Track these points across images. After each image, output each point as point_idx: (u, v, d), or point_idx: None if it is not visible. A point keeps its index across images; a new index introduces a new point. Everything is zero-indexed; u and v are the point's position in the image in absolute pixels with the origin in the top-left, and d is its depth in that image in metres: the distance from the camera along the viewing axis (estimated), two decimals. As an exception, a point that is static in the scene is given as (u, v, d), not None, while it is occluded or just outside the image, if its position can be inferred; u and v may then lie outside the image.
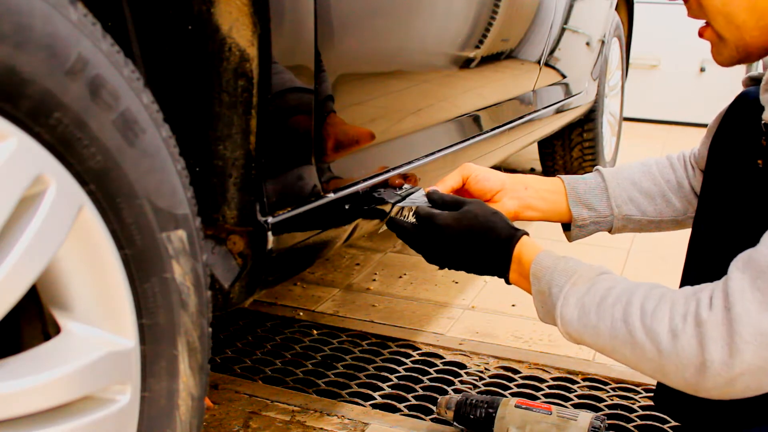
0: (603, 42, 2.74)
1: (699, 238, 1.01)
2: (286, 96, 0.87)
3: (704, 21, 0.90)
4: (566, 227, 1.16)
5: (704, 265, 0.98)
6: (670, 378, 0.79)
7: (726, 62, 0.90)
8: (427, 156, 1.31)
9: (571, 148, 2.87)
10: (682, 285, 1.02)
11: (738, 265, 0.76)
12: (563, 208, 1.13)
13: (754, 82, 1.00)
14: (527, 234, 0.98)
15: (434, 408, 1.35)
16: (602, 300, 0.85)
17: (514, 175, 1.15)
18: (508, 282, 0.98)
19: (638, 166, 1.15)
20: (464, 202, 1.00)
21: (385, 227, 1.16)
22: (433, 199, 1.04)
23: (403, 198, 1.11)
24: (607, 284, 0.86)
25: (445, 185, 1.11)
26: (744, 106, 0.96)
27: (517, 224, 1.02)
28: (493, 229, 0.96)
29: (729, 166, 0.95)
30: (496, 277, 1.01)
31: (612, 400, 1.41)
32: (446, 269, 1.04)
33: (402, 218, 1.14)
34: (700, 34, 0.92)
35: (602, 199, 1.12)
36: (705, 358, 0.74)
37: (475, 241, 0.97)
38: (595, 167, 1.17)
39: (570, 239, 1.17)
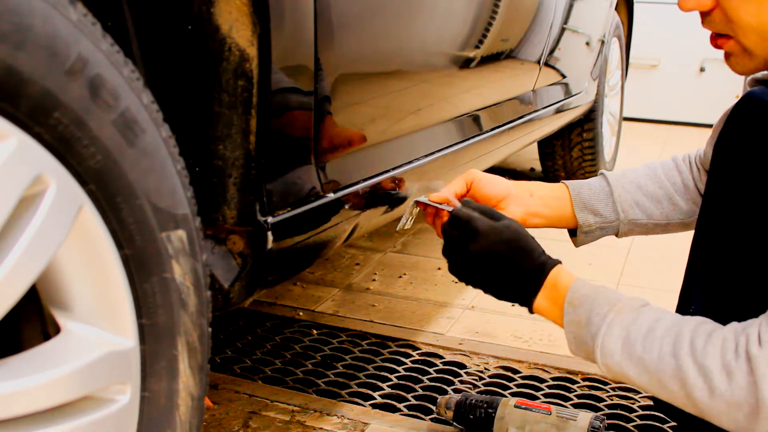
0: (603, 42, 2.74)
1: (703, 240, 1.00)
2: (286, 96, 0.87)
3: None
4: (572, 233, 1.16)
5: (708, 267, 0.97)
6: (720, 418, 0.76)
7: (747, 73, 0.90)
8: (427, 156, 1.31)
9: (570, 148, 2.87)
10: (684, 286, 1.02)
11: None
12: (569, 214, 1.13)
13: (758, 82, 1.00)
14: (559, 263, 0.94)
15: (434, 408, 1.35)
16: (649, 332, 0.82)
17: (519, 182, 1.14)
18: (531, 310, 0.95)
19: (643, 169, 1.15)
20: (503, 216, 0.97)
21: (409, 224, 1.15)
22: (470, 205, 1.00)
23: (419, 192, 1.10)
24: (654, 316, 0.84)
25: (450, 191, 1.10)
26: (750, 106, 0.96)
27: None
28: (533, 250, 0.93)
29: (734, 166, 0.95)
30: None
31: (612, 400, 1.41)
32: (465, 284, 0.99)
33: (410, 219, 1.13)
34: (718, 45, 0.91)
35: (608, 205, 1.12)
36: (759, 398, 0.72)
37: (510, 257, 0.92)
38: (600, 171, 1.16)
39: (576, 245, 1.17)
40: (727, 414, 0.75)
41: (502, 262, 0.93)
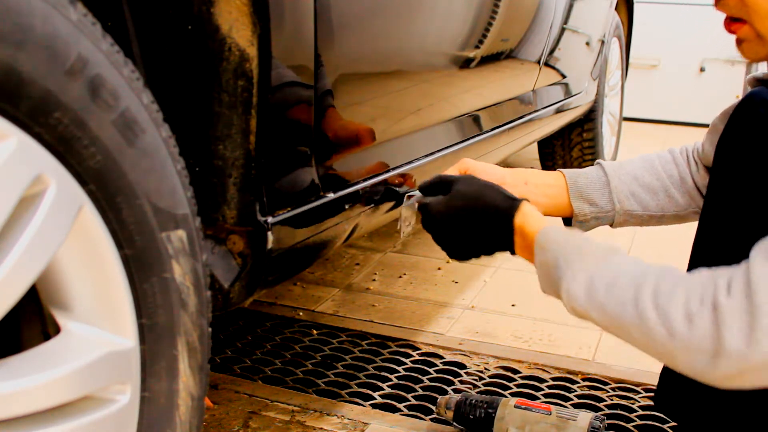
0: (603, 42, 2.74)
1: (705, 239, 1.00)
2: (286, 95, 0.87)
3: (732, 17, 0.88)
4: (567, 222, 1.16)
5: (710, 266, 0.98)
6: (678, 363, 0.77)
7: (758, 60, 0.90)
8: (427, 156, 1.31)
9: (570, 148, 2.87)
10: None
11: (761, 252, 0.73)
12: (564, 203, 1.13)
13: (760, 82, 1.00)
14: (527, 200, 0.96)
15: (434, 408, 1.35)
16: (613, 279, 0.82)
17: (514, 170, 1.14)
18: (513, 253, 0.96)
19: (640, 160, 1.15)
20: (452, 181, 0.99)
21: (410, 228, 1.16)
22: (422, 187, 1.03)
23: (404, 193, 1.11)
24: (619, 264, 0.84)
25: None
26: (752, 106, 0.96)
27: None
28: (489, 203, 0.95)
29: (738, 166, 0.95)
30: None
31: (612, 400, 1.41)
32: (467, 261, 1.02)
33: (408, 224, 1.14)
34: (731, 30, 0.90)
35: (604, 194, 1.12)
36: (720, 346, 0.72)
37: (472, 220, 0.95)
38: (597, 161, 1.16)
39: None
40: (684, 358, 0.75)
41: (467, 231, 0.96)
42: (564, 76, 2.31)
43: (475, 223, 0.95)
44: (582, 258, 0.86)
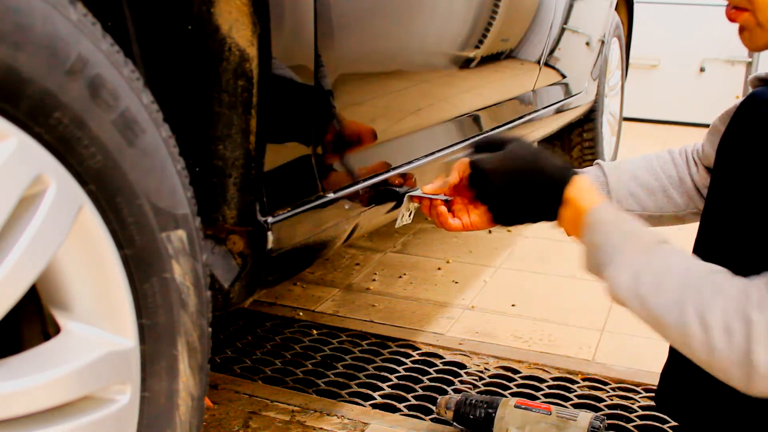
0: (603, 42, 2.74)
1: (706, 239, 1.00)
2: (285, 96, 0.87)
3: (735, 5, 0.89)
4: None
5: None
6: (716, 373, 0.77)
7: (759, 49, 0.90)
8: (427, 156, 1.31)
9: (570, 148, 2.87)
10: None
11: None
12: None
13: (762, 82, 1.00)
14: (578, 173, 0.95)
15: (434, 408, 1.35)
16: (658, 275, 0.82)
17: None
18: (555, 218, 0.96)
19: (639, 160, 1.15)
20: (506, 141, 0.98)
21: (408, 219, 1.16)
22: (476, 144, 1.02)
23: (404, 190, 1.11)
24: (667, 258, 0.83)
25: (442, 181, 1.10)
26: (754, 106, 0.96)
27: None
28: (543, 168, 0.94)
29: (740, 166, 0.95)
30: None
31: (612, 400, 1.41)
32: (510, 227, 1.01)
33: (408, 214, 1.14)
34: (732, 18, 0.91)
35: (602, 194, 1.12)
36: (751, 362, 0.72)
37: (524, 181, 0.94)
38: (596, 161, 1.16)
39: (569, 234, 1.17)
40: (723, 371, 0.76)
41: (518, 191, 0.95)
42: (564, 76, 2.31)
43: (526, 185, 0.94)
44: (630, 247, 0.85)
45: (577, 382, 1.47)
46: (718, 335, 0.75)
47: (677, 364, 1.02)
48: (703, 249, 1.00)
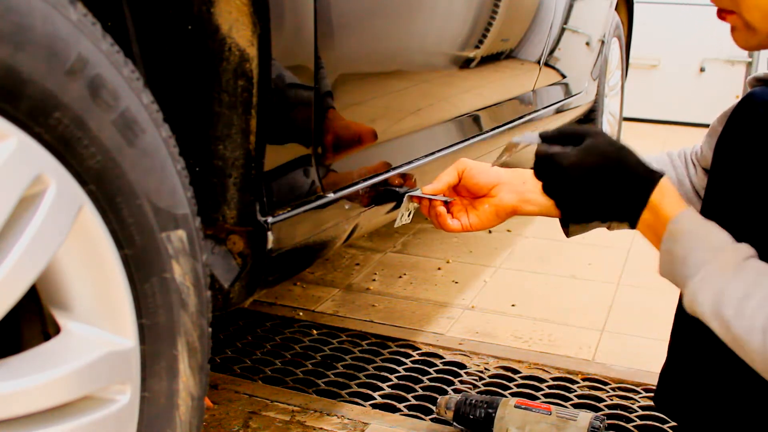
0: (603, 42, 2.74)
1: None
2: (286, 96, 0.87)
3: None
4: (564, 223, 1.16)
5: None
6: None
7: (751, 48, 0.90)
8: (427, 156, 1.31)
9: (571, 148, 2.87)
10: None
11: None
12: None
13: (760, 82, 1.00)
14: (665, 176, 0.88)
15: (434, 408, 1.35)
16: (746, 296, 0.78)
17: (511, 169, 1.14)
18: (633, 227, 0.89)
19: None
20: (585, 134, 0.90)
21: (407, 219, 1.15)
22: (547, 136, 0.94)
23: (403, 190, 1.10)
24: (754, 278, 0.79)
25: (441, 182, 1.10)
26: (752, 106, 0.96)
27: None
28: (629, 167, 0.88)
29: (736, 167, 0.95)
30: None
31: (612, 400, 1.41)
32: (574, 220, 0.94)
33: (408, 214, 1.13)
34: (722, 18, 0.90)
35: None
36: None
37: (606, 180, 0.87)
38: None
39: (568, 235, 1.17)
40: None
41: (598, 189, 0.88)
42: (564, 76, 2.31)
43: (607, 184, 0.88)
44: (715, 262, 0.82)
45: (577, 382, 1.47)
46: None
47: (677, 364, 1.02)
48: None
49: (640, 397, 1.41)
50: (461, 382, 1.46)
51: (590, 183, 0.88)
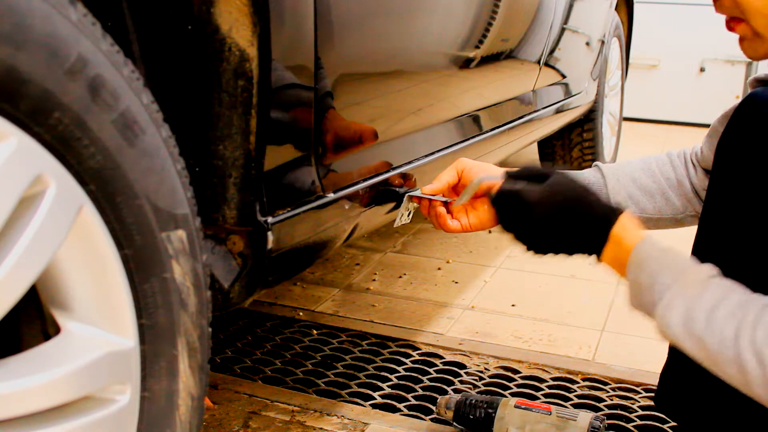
0: (603, 42, 2.74)
1: (705, 241, 1.00)
2: (285, 96, 0.87)
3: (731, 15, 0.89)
4: None
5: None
6: None
7: (760, 57, 0.90)
8: (427, 156, 1.31)
9: (570, 148, 2.87)
10: None
11: None
12: None
13: (761, 83, 1.00)
14: (625, 212, 0.91)
15: (434, 408, 1.35)
16: (713, 311, 0.79)
17: (510, 170, 1.14)
18: (598, 260, 0.92)
19: (638, 162, 1.14)
20: (549, 173, 0.93)
21: (407, 219, 1.15)
22: (511, 176, 0.97)
23: (403, 190, 1.10)
24: (719, 293, 0.81)
25: (441, 181, 1.10)
26: (753, 107, 0.96)
27: None
28: (590, 205, 0.90)
29: (737, 168, 0.95)
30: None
31: (612, 400, 1.41)
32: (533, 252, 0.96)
33: (408, 214, 1.13)
34: (730, 28, 0.90)
35: (601, 196, 1.11)
36: None
37: (568, 218, 0.90)
38: (595, 163, 1.16)
39: None
40: None
41: (562, 226, 0.91)
42: (564, 76, 2.31)
43: (570, 221, 0.91)
44: (679, 283, 0.83)
45: (577, 382, 1.47)
46: None
47: (677, 364, 1.02)
48: (702, 252, 1.00)
49: (640, 397, 1.41)
50: (461, 382, 1.46)
51: (556, 219, 0.91)
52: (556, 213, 0.91)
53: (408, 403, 1.38)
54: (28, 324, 0.68)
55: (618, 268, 0.90)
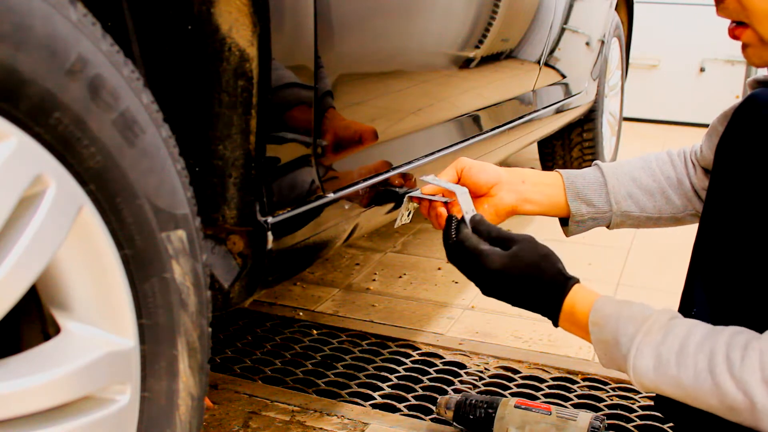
0: (603, 42, 2.74)
1: (705, 241, 1.00)
2: (285, 96, 0.87)
3: (736, 21, 0.88)
4: (564, 222, 1.16)
5: (710, 269, 0.97)
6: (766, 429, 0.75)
7: (766, 64, 0.89)
8: (427, 156, 1.31)
9: (570, 148, 2.87)
10: (686, 288, 1.02)
11: None
12: (561, 203, 1.12)
13: (760, 84, 1.00)
14: (579, 281, 0.94)
15: (434, 408, 1.35)
16: (682, 348, 0.80)
17: (510, 169, 1.14)
18: (556, 326, 0.95)
19: (637, 161, 1.14)
20: (513, 240, 0.96)
21: (407, 219, 1.16)
22: (478, 229, 0.99)
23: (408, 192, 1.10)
24: (684, 331, 0.82)
25: (441, 181, 1.11)
26: (754, 108, 0.96)
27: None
28: (542, 276, 0.93)
29: (738, 168, 0.95)
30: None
31: (612, 400, 1.41)
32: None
33: (408, 214, 1.14)
34: (735, 36, 0.89)
35: (601, 195, 1.11)
36: None
37: (524, 287, 0.94)
38: (594, 162, 1.16)
39: (567, 234, 1.17)
40: None
41: (515, 292, 0.95)
42: (564, 76, 2.31)
43: (526, 290, 0.94)
44: (642, 331, 0.84)
45: (577, 382, 1.47)
46: (758, 392, 0.74)
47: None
48: (703, 252, 1.00)
49: (640, 397, 1.41)
50: (461, 382, 1.46)
51: (512, 290, 0.95)
52: (512, 283, 0.94)
53: (408, 403, 1.38)
54: (28, 324, 0.68)
55: (578, 332, 0.92)
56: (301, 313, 1.77)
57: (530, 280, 0.93)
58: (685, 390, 0.80)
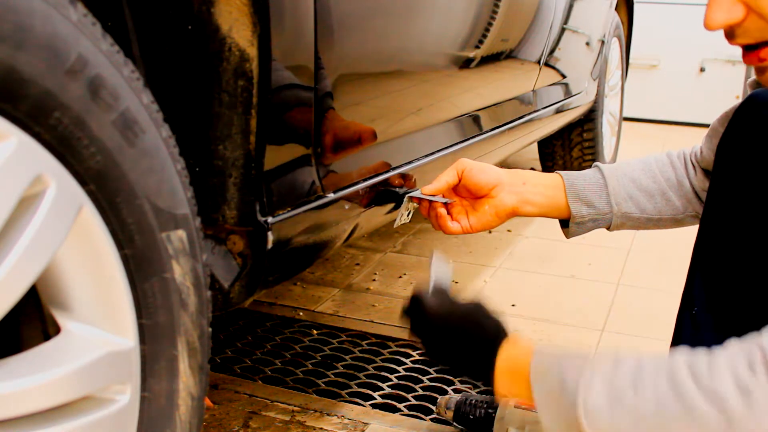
0: (603, 42, 2.74)
1: (706, 242, 1.00)
2: (286, 96, 0.87)
3: (759, 42, 0.79)
4: (564, 224, 1.16)
5: (711, 269, 0.97)
6: None
7: None
8: (427, 156, 1.31)
9: (570, 148, 2.87)
10: (686, 288, 1.01)
11: None
12: (562, 204, 1.13)
13: (760, 84, 1.00)
14: (512, 339, 0.90)
15: (434, 408, 1.35)
16: (637, 374, 0.72)
17: (511, 170, 1.14)
18: (490, 387, 0.88)
19: (638, 163, 1.14)
20: (464, 304, 0.95)
21: (407, 219, 1.16)
22: (438, 288, 0.98)
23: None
24: (635, 359, 0.74)
25: (441, 182, 1.10)
26: (754, 108, 0.96)
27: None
28: (476, 343, 0.90)
29: (738, 169, 0.95)
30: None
31: (612, 400, 1.40)
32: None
33: (408, 214, 1.14)
34: (761, 59, 0.79)
35: (601, 196, 1.11)
36: None
37: (458, 345, 0.91)
38: (595, 163, 1.16)
39: (568, 236, 1.17)
40: None
41: (452, 356, 0.93)
42: (564, 76, 2.31)
43: (463, 336, 0.92)
44: (588, 367, 0.76)
45: (577, 382, 1.47)
46: (732, 401, 0.67)
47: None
48: (704, 252, 1.00)
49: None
50: (461, 382, 1.46)
51: (446, 342, 0.93)
52: (450, 330, 0.93)
53: (408, 403, 1.38)
54: (28, 324, 0.68)
55: (519, 388, 0.85)
56: (301, 313, 1.77)
57: (468, 323, 0.91)
58: (646, 422, 0.71)
